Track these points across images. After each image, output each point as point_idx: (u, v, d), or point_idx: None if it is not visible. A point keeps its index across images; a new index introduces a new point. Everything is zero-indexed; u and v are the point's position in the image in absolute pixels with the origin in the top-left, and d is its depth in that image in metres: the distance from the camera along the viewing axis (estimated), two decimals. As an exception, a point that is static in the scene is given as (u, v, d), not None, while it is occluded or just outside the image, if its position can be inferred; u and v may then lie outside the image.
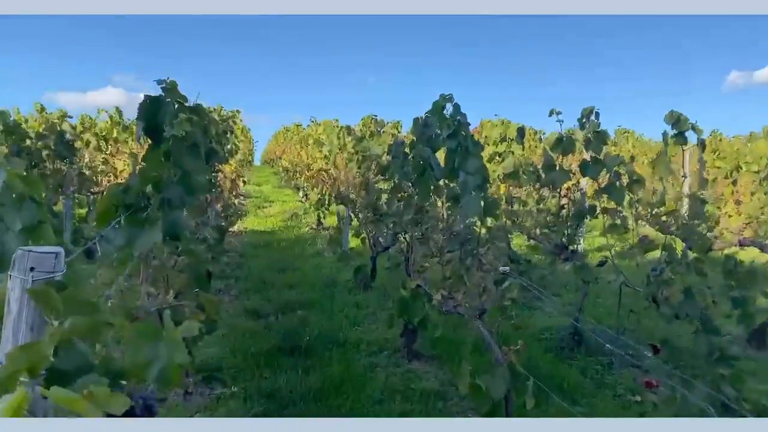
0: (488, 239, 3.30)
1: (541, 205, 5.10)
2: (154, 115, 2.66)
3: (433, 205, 4.19)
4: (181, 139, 2.73)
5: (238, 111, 8.26)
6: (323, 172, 9.37)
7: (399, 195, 4.77)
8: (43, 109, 9.20)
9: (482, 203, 3.21)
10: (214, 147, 6.74)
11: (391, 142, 5.30)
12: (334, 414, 4.06)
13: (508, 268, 3.03)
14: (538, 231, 4.85)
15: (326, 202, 10.54)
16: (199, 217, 5.44)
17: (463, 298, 3.18)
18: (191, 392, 4.43)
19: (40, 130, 7.33)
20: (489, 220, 3.35)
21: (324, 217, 11.39)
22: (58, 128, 7.12)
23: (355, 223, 7.75)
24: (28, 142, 6.97)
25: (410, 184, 4.44)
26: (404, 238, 4.70)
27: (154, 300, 2.70)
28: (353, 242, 7.56)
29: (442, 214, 3.94)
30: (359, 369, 4.79)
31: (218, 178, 7.28)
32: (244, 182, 13.19)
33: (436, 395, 4.34)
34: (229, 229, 8.95)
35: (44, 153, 7.10)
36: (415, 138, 4.34)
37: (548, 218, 4.57)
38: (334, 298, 6.77)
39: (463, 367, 3.00)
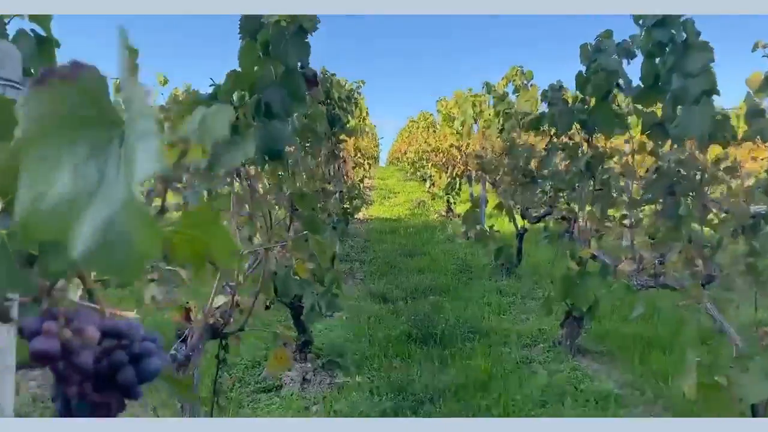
0: (714, 176, 2.29)
1: None
2: None
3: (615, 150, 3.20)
4: (283, 27, 2.02)
5: (362, 82, 7.65)
6: (454, 148, 8.54)
7: (559, 147, 3.81)
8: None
9: (709, 118, 2.21)
10: (338, 113, 6.16)
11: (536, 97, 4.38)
12: (483, 416, 3.20)
13: (764, 207, 2.02)
14: None
15: (457, 185, 9.69)
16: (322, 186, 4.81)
17: (677, 263, 2.20)
18: (309, 379, 3.80)
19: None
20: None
21: (455, 204, 10.56)
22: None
23: (490, 204, 6.86)
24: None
25: (579, 125, 3.48)
26: (568, 200, 3.74)
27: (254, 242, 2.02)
28: (498, 223, 6.65)
29: (631, 154, 2.95)
30: (509, 364, 3.90)
31: (342, 151, 6.72)
32: (369, 164, 12.71)
33: (616, 399, 3.34)
34: (354, 215, 8.43)
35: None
36: (585, 68, 3.37)
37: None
38: (471, 283, 5.91)
39: (688, 359, 2.03)
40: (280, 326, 2.90)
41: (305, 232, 2.15)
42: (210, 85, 2.02)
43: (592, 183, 3.34)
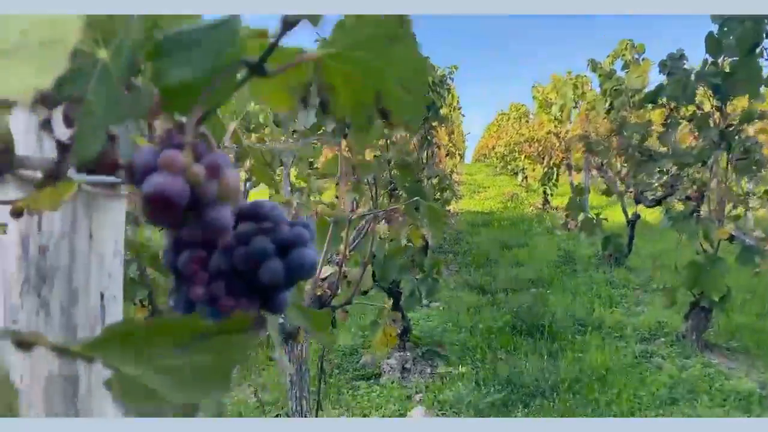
0: None
1: None
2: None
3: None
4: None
5: (454, 67, 7.41)
6: (552, 135, 8.14)
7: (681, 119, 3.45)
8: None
9: None
10: (431, 96, 5.98)
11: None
12: (603, 414, 2.92)
13: None
14: None
15: (554, 175, 9.25)
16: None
17: None
18: (409, 368, 3.64)
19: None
20: None
21: (551, 195, 10.11)
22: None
23: (593, 193, 6.46)
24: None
25: (712, 91, 3.11)
26: (695, 175, 3.37)
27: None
28: (604, 211, 6.26)
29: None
30: (628, 358, 3.57)
31: (434, 137, 6.53)
32: (460, 155, 12.46)
33: (760, 400, 2.95)
34: (445, 207, 8.21)
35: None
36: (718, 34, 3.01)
37: None
38: (576, 275, 5.56)
39: None
40: (386, 302, 2.76)
41: (415, 198, 1.99)
42: (315, 40, 1.88)
43: (727, 154, 2.97)
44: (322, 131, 1.82)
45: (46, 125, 0.35)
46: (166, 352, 0.27)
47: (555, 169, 9.08)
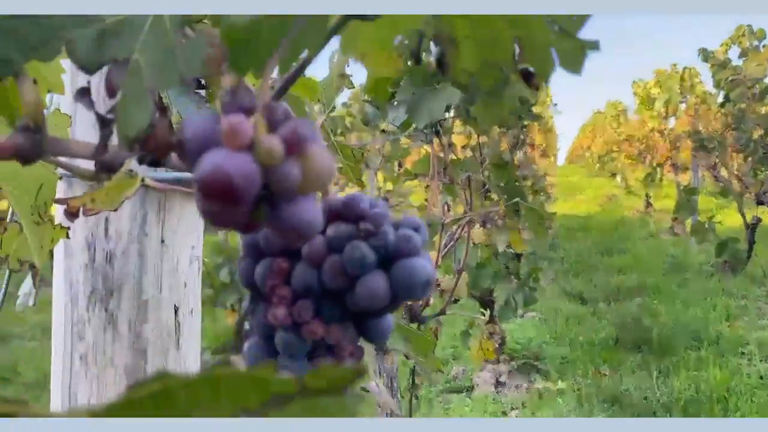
0: None
1: None
2: None
3: None
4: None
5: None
6: (655, 133, 7.66)
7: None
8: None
9: None
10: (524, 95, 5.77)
11: None
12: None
13: None
14: None
15: (657, 176, 8.71)
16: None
17: None
18: (503, 382, 3.47)
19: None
20: None
21: (654, 197, 9.54)
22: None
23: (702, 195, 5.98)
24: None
25: None
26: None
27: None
28: (718, 215, 5.83)
29: None
30: (752, 378, 3.23)
31: (528, 137, 6.29)
32: (554, 156, 12.04)
33: None
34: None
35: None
36: None
37: None
38: (687, 284, 5.16)
39: None
40: (482, 313, 2.62)
41: (516, 200, 1.85)
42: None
43: None
44: (413, 129, 1.73)
45: (83, 96, 0.27)
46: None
47: (658, 169, 8.54)
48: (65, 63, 0.45)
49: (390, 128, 2.20)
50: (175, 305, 0.56)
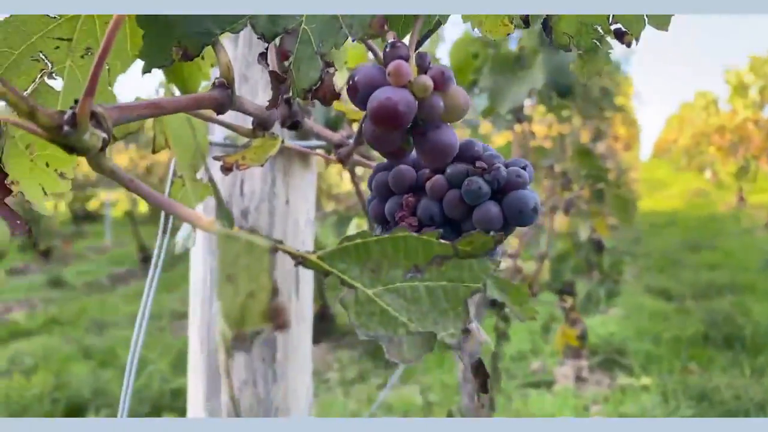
0: None
1: None
2: None
3: None
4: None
5: (630, 51, 6.94)
6: (750, 123, 7.30)
7: None
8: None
9: None
10: (606, 86, 5.65)
11: None
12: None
13: None
14: None
15: (751, 169, 8.29)
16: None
17: None
18: (584, 378, 3.45)
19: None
20: None
21: (744, 192, 9.08)
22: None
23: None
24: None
25: None
26: None
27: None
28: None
29: None
30: None
31: (610, 128, 6.15)
32: (638, 150, 11.67)
33: None
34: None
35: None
36: None
37: None
38: (786, 281, 4.92)
39: None
40: (566, 301, 2.64)
41: (599, 185, 1.86)
42: None
43: None
44: (493, 114, 1.78)
45: (263, 59, 0.35)
46: (400, 273, 0.25)
47: (752, 161, 8.13)
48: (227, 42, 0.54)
49: (470, 115, 2.25)
50: (295, 259, 0.66)
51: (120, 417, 0.59)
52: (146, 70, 0.37)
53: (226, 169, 0.53)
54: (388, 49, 0.29)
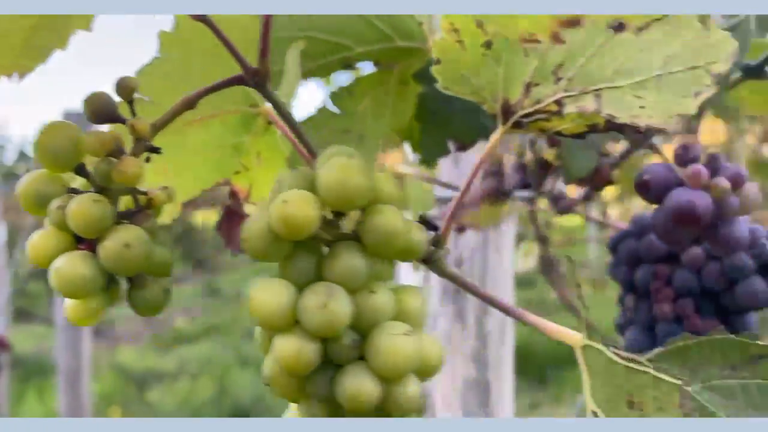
0: None
1: None
2: None
3: None
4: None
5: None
6: None
7: None
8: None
9: None
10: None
11: None
12: None
13: None
14: None
15: None
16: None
17: None
18: None
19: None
20: None
21: None
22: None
23: None
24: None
25: None
26: None
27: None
28: None
29: None
30: None
31: None
32: None
33: None
34: None
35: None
36: None
37: None
38: None
39: None
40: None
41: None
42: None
43: None
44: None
45: (532, 145, 0.39)
46: (716, 371, 0.27)
47: None
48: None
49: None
50: (502, 303, 0.69)
51: None
52: (424, 161, 0.42)
53: (459, 230, 0.57)
54: (680, 150, 0.32)
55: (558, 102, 0.26)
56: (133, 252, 0.25)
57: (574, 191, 0.58)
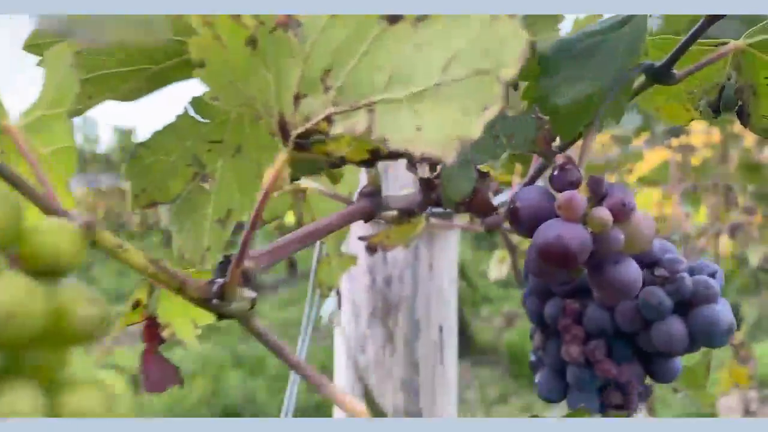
0: None
1: None
2: None
3: None
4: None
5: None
6: None
7: None
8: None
9: None
10: None
11: None
12: None
13: None
14: None
15: None
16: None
17: None
18: (753, 411, 3.10)
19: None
20: None
21: None
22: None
23: None
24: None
25: None
26: None
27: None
28: None
29: None
30: None
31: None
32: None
33: None
34: None
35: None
36: None
37: None
38: None
39: None
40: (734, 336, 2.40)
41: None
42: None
43: None
44: (647, 134, 1.64)
45: (412, 165, 0.33)
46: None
47: None
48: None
49: (618, 131, 2.11)
50: (440, 324, 0.63)
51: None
52: (330, 174, 0.37)
53: (371, 249, 0.52)
54: (556, 172, 0.26)
55: (328, 119, 0.20)
56: None
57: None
